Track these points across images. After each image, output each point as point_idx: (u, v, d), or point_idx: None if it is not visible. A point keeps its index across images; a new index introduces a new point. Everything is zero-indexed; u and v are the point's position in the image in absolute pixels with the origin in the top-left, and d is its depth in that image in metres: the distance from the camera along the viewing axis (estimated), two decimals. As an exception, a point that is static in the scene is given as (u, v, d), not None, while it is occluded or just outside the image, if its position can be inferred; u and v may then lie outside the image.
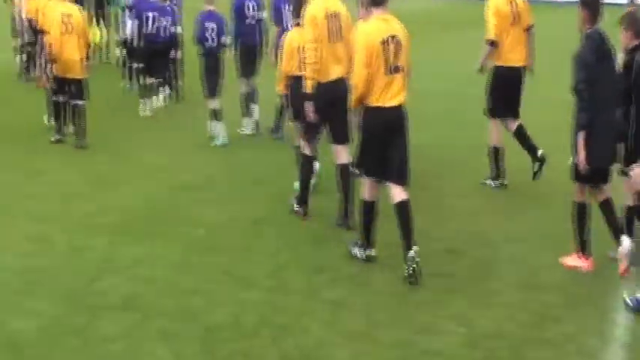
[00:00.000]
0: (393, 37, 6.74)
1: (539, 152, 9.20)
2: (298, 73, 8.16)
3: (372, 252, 7.15)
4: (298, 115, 8.26)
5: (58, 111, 11.65)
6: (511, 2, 9.21)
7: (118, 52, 16.71)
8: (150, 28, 13.16)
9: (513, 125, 9.35)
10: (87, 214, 8.35)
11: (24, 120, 12.81)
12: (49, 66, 11.35)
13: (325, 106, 7.76)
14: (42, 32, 11.87)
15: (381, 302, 6.35)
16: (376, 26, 6.76)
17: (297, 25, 8.54)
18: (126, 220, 8.19)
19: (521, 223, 8.29)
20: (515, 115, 9.37)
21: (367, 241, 7.15)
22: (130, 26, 13.91)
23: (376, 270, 6.92)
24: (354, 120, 7.40)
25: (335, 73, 7.81)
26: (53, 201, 8.84)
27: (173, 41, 13.47)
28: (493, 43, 9.24)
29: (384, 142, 6.83)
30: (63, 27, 11.26)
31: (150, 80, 13.47)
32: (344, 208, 7.98)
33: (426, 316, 6.13)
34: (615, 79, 6.80)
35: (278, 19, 11.31)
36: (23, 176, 9.83)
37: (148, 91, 13.49)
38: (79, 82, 11.43)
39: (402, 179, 6.89)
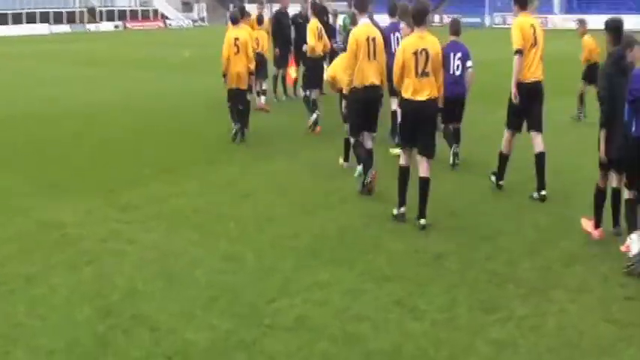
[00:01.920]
0: (424, 49, 8.95)
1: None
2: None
3: (402, 210, 9.40)
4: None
5: (232, 113, 14.60)
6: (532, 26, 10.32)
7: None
8: None
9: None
10: (280, 237, 8.83)
11: (243, 145, 14.10)
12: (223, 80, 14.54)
13: (364, 104, 10.54)
14: None
15: (549, 347, 6.19)
16: (412, 41, 9.10)
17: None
18: (315, 245, 8.55)
19: None
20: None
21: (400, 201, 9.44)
22: None
23: (550, 314, 6.75)
24: None
25: (372, 80, 10.42)
26: (252, 222, 9.41)
27: None
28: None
29: (415, 125, 9.21)
30: (234, 48, 14.20)
31: None
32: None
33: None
34: None
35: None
36: (229, 198, 10.58)
37: None
38: (244, 92, 14.52)
39: (428, 153, 9.25)
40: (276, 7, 19.90)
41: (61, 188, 11.37)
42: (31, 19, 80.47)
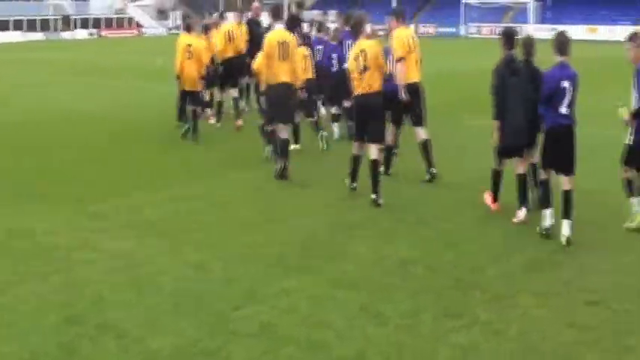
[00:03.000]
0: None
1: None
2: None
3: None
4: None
5: (182, 112, 16.19)
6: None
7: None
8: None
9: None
10: (249, 245, 8.88)
11: (215, 154, 14.15)
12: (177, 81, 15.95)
13: (277, 99, 12.08)
14: None
15: (512, 352, 6.28)
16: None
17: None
18: (283, 253, 8.60)
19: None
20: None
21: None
22: None
23: (514, 319, 6.84)
24: None
25: (282, 79, 12.03)
26: (221, 231, 9.47)
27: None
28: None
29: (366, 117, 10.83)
30: (187, 54, 15.58)
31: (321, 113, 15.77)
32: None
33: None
34: (522, 89, 9.46)
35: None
36: (200, 207, 10.65)
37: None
38: (197, 93, 15.80)
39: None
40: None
41: (34, 196, 11.33)
42: (4, 26, 79.88)
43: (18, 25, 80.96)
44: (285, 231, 9.45)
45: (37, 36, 79.51)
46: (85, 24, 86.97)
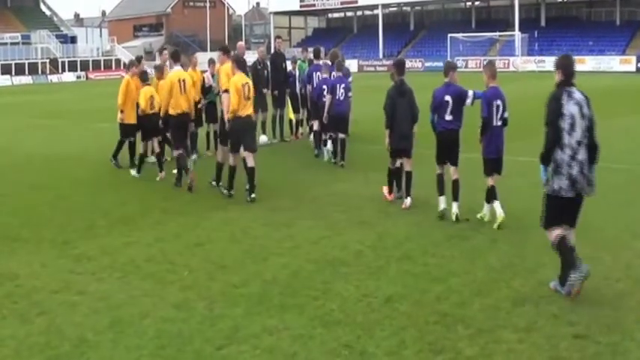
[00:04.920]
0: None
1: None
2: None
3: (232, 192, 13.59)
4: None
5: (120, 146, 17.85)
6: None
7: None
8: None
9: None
10: (231, 284, 8.81)
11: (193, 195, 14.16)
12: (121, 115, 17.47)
13: (179, 126, 15.07)
14: None
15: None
16: (238, 77, 13.49)
17: None
18: (266, 292, 8.54)
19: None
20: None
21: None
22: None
23: (498, 354, 6.78)
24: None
25: (183, 109, 14.97)
26: (204, 271, 9.38)
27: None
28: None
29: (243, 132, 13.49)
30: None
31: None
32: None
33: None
34: (409, 107, 12.39)
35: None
36: (182, 247, 10.56)
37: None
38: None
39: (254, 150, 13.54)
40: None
41: (16, 239, 11.25)
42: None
43: (6, 69, 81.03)
44: (268, 269, 9.38)
45: (25, 80, 79.60)
46: (72, 67, 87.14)
